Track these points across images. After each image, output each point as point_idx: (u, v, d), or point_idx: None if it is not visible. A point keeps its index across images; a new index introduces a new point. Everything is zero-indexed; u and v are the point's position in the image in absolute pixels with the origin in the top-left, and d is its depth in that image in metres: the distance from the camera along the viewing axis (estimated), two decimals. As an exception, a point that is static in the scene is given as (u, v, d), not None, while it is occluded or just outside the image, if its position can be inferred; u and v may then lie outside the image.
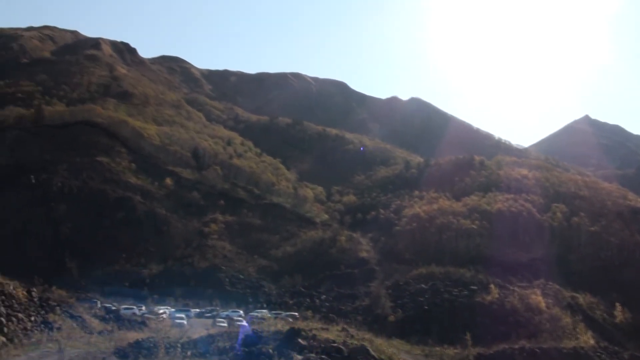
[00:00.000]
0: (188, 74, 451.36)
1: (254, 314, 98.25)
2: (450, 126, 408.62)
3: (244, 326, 58.49)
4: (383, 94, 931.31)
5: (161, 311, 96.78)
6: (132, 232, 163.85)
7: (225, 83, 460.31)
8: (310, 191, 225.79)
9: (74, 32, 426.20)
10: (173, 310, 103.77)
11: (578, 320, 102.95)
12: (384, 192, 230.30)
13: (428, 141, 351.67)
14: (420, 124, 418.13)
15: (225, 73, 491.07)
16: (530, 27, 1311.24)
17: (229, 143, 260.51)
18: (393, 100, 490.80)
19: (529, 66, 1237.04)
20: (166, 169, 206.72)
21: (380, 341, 55.02)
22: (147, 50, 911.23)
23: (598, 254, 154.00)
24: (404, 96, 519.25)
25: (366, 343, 41.63)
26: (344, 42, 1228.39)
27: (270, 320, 66.43)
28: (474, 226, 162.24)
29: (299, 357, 32.23)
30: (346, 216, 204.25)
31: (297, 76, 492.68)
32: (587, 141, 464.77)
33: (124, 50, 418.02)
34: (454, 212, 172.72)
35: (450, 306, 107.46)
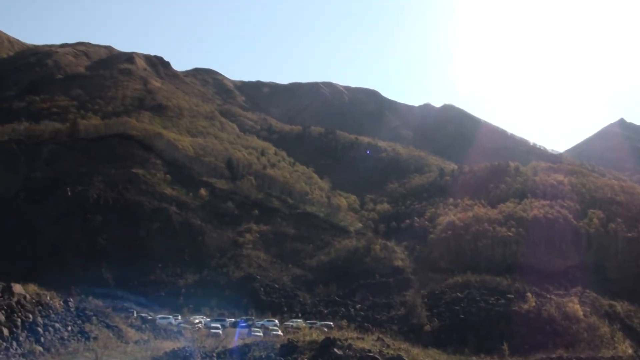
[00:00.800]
0: (221, 86, 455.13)
1: (289, 324, 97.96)
2: (483, 132, 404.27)
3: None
4: (415, 101, 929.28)
5: (197, 321, 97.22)
6: (168, 243, 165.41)
7: (258, 94, 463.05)
8: (343, 200, 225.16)
9: (108, 47, 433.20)
10: (208, 319, 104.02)
11: (616, 329, 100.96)
12: (418, 200, 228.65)
13: (462, 148, 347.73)
14: (453, 131, 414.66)
15: (258, 84, 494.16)
16: (563, 31, 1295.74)
17: (263, 153, 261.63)
18: (426, 107, 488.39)
19: (563, 70, 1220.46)
20: (201, 180, 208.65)
21: (416, 351, 54.19)
22: (181, 63, 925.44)
23: (636, 261, 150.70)
24: (437, 103, 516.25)
25: (402, 353, 40.99)
26: (375, 50, 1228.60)
27: (305, 329, 65.95)
28: (510, 233, 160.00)
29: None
30: (380, 225, 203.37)
31: (329, 85, 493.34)
32: (622, 145, 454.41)
33: (158, 63, 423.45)
34: (490, 220, 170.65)
35: (486, 315, 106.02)
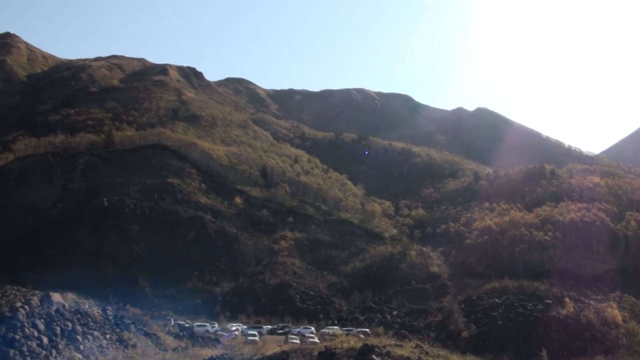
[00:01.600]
0: (254, 95, 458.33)
1: (325, 331, 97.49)
2: (518, 135, 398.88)
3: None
4: (448, 105, 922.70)
5: (234, 328, 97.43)
6: (204, 251, 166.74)
7: (290, 102, 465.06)
8: (377, 206, 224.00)
9: (141, 60, 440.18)
10: (245, 327, 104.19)
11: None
12: (454, 205, 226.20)
13: (496, 151, 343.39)
14: (487, 134, 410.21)
15: (290, 92, 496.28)
16: (598, 30, 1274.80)
17: (296, 160, 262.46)
18: (459, 111, 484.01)
19: (597, 70, 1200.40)
20: (235, 188, 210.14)
21: (455, 358, 53.35)
22: (213, 73, 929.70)
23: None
24: (470, 106, 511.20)
25: (441, 360, 40.31)
26: (407, 55, 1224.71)
27: (342, 336, 65.50)
28: (547, 237, 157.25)
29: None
30: (415, 230, 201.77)
31: (361, 91, 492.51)
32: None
33: (191, 74, 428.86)
34: (526, 224, 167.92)
35: (524, 321, 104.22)
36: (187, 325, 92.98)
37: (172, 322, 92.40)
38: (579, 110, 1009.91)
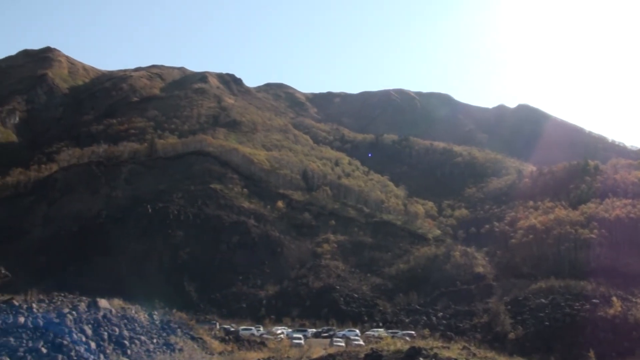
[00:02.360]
0: (293, 99, 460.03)
1: (370, 333, 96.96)
2: (560, 131, 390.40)
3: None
4: (489, 103, 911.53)
5: (279, 331, 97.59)
6: (248, 255, 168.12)
7: (329, 105, 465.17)
8: (420, 207, 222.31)
9: (181, 69, 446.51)
10: (290, 330, 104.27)
11: None
12: (497, 204, 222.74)
13: (539, 148, 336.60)
14: (529, 131, 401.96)
15: (329, 95, 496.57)
16: (637, 22, 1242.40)
17: (337, 163, 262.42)
18: (500, 108, 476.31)
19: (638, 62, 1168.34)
20: (277, 192, 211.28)
21: (503, 359, 52.39)
22: (252, 79, 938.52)
23: None
24: (511, 104, 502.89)
25: (489, 362, 39.59)
26: (446, 54, 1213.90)
27: (387, 339, 64.96)
28: (593, 235, 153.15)
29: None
30: (459, 231, 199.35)
31: (400, 92, 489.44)
32: None
33: (230, 81, 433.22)
34: (571, 222, 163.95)
35: (571, 321, 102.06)
36: (233, 329, 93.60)
37: (218, 326, 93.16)
38: (622, 103, 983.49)
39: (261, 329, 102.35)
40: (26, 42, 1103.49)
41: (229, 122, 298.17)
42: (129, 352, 40.93)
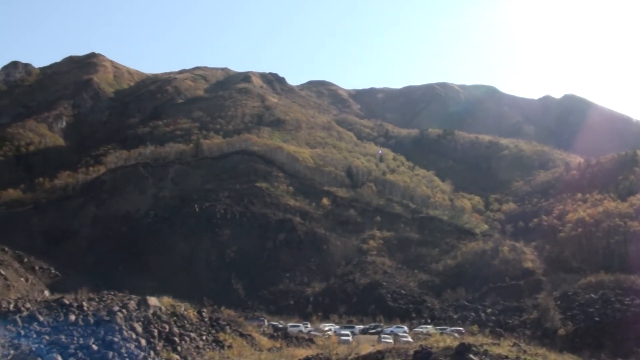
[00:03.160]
0: (336, 96, 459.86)
1: (419, 330, 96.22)
2: (608, 121, 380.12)
3: None
4: (535, 94, 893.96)
5: (327, 328, 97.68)
6: (294, 252, 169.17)
7: (372, 100, 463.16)
8: (467, 201, 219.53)
9: (224, 69, 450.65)
10: (338, 327, 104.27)
11: None
12: (545, 197, 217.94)
13: (586, 139, 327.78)
14: (576, 122, 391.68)
15: (371, 91, 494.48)
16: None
17: (381, 159, 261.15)
18: (546, 99, 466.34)
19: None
20: (322, 190, 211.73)
21: (553, 356, 51.23)
22: (295, 77, 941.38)
23: None
24: (557, 94, 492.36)
25: (540, 359, 38.74)
26: (490, 44, 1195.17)
27: (436, 335, 64.42)
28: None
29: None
30: (507, 225, 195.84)
31: (444, 85, 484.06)
32: None
33: (273, 80, 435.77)
34: (621, 214, 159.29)
35: (622, 317, 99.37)
36: (281, 325, 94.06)
37: (266, 323, 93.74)
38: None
39: (309, 326, 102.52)
40: (71, 49, 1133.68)
41: (273, 121, 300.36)
42: (179, 349, 41.51)
